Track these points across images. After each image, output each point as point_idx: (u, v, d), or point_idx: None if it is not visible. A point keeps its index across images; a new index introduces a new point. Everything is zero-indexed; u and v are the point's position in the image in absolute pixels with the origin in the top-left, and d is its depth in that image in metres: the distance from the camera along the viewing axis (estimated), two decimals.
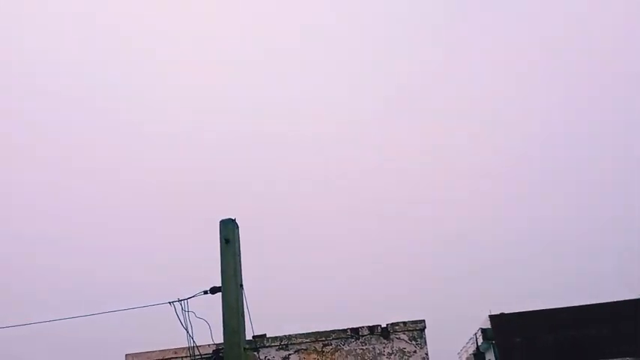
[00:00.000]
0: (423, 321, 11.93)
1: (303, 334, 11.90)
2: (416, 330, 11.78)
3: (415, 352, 11.61)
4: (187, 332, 7.07)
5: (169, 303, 7.13)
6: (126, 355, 11.92)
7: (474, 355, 25.57)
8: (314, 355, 11.70)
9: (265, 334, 11.97)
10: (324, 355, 11.71)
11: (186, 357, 8.66)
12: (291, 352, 11.76)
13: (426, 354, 11.60)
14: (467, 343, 30.18)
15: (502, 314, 23.38)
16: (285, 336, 11.90)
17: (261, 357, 11.71)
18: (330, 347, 11.76)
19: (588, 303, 21.39)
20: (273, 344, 11.81)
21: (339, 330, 11.91)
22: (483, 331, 24.28)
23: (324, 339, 11.82)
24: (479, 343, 24.78)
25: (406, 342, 11.69)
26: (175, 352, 11.26)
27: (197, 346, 7.44)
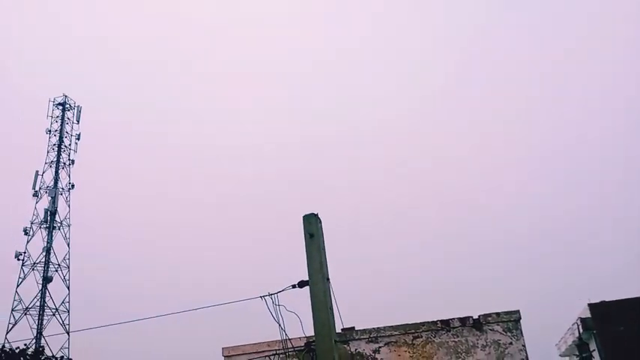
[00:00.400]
0: (518, 311, 11.44)
1: (393, 326, 11.81)
2: (510, 321, 11.33)
3: (511, 343, 11.17)
4: (279, 325, 7.25)
5: (260, 297, 7.34)
6: (223, 348, 12.42)
7: (577, 345, 24.22)
8: (404, 348, 11.58)
9: (354, 327, 12.01)
10: (415, 348, 11.57)
11: (279, 350, 8.88)
12: (381, 344, 11.71)
13: (523, 346, 11.13)
14: (565, 333, 28.61)
15: (603, 302, 21.99)
16: (374, 328, 11.87)
17: (352, 349, 11.76)
18: (421, 340, 11.59)
19: None
20: (362, 337, 11.82)
21: (429, 322, 11.70)
22: (583, 320, 22.96)
23: (413, 331, 11.67)
24: (580, 332, 23.45)
25: (501, 333, 11.28)
26: (269, 345, 11.56)
27: (289, 339, 7.60)
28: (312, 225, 7.24)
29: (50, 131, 39.18)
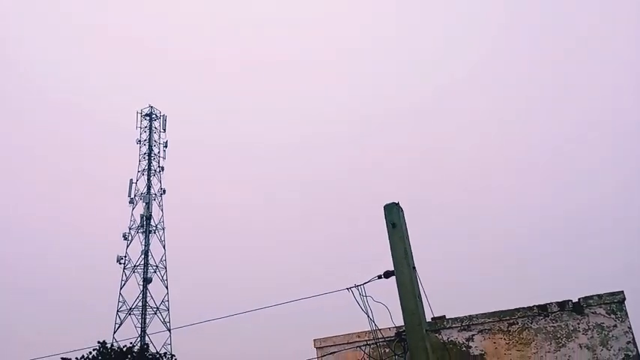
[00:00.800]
0: (622, 292, 10.69)
1: (486, 313, 11.45)
2: (614, 302, 10.62)
3: (615, 326, 10.48)
4: (368, 316, 7.24)
5: (347, 289, 7.37)
6: (314, 339, 12.63)
7: None
8: (499, 335, 11.20)
9: (445, 316, 11.77)
10: (511, 335, 11.15)
11: (370, 340, 8.88)
12: (474, 332, 11.40)
13: (629, 328, 10.40)
14: None
15: None
16: (466, 316, 11.57)
17: (444, 338, 11.53)
18: (517, 326, 11.16)
19: None
20: (454, 325, 11.56)
21: (524, 308, 11.23)
22: None
23: (508, 318, 11.25)
24: None
25: (604, 316, 10.61)
26: (359, 336, 11.61)
27: (379, 329, 7.58)
28: (393, 214, 7.15)
29: (140, 141, 41.68)
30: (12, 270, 61.31)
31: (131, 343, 31.88)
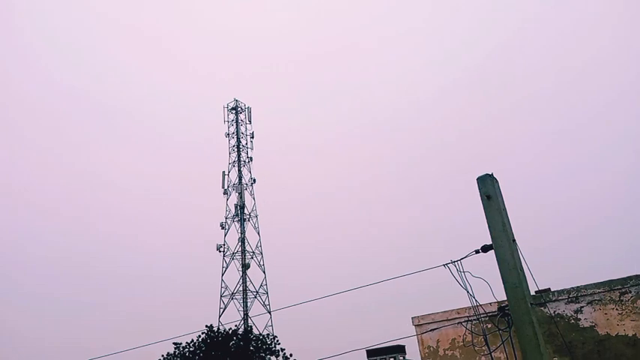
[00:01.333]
0: None
1: (595, 284, 10.83)
2: None
3: None
4: (467, 292, 7.10)
5: (444, 265, 7.26)
6: (412, 317, 12.60)
7: None
8: (611, 306, 10.57)
9: (549, 288, 11.28)
10: (624, 305, 10.48)
11: (471, 316, 8.72)
12: (582, 304, 10.84)
13: None
14: None
15: None
16: (573, 288, 11.01)
17: (550, 312, 11.06)
18: (630, 295, 10.45)
19: None
20: (560, 297, 11.05)
21: (637, 276, 10.50)
22: None
23: (620, 287, 10.57)
24: None
25: None
26: (458, 313, 11.43)
27: (480, 305, 7.41)
28: (487, 186, 6.92)
29: (228, 134, 43.27)
30: (135, 262, 66.88)
31: (236, 325, 33.55)
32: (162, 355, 26.84)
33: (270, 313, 36.93)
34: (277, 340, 28.79)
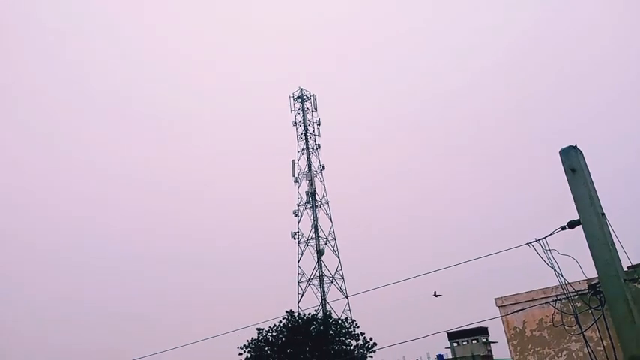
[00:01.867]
0: None
1: None
2: None
3: None
4: (555, 270, 6.85)
5: (527, 244, 7.04)
6: (495, 298, 12.33)
7: None
8: None
9: None
10: None
11: (559, 295, 8.41)
12: None
13: None
14: None
15: None
16: None
17: None
18: None
19: None
20: None
21: None
22: None
23: None
24: None
25: None
26: (544, 292, 11.05)
27: (568, 283, 7.14)
28: (571, 159, 6.61)
29: (295, 123, 43.81)
30: (214, 252, 70.02)
31: (315, 310, 34.21)
32: (247, 340, 27.92)
33: (347, 297, 37.32)
34: (356, 324, 29.13)
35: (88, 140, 79.80)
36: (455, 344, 31.05)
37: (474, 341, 30.18)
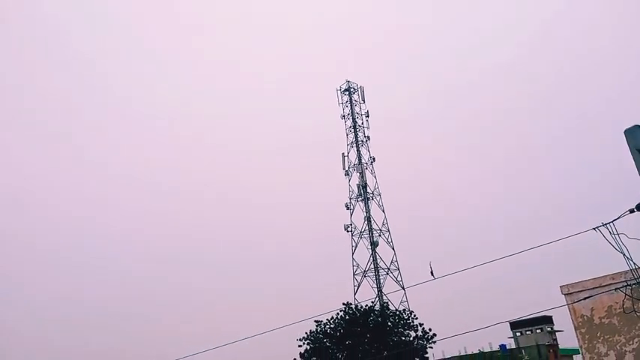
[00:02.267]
0: None
1: None
2: None
3: None
4: (624, 255, 6.59)
5: (594, 229, 6.80)
6: (560, 286, 11.96)
7: None
8: None
9: None
10: None
11: (630, 280, 8.08)
12: None
13: None
14: None
15: None
16: None
17: None
18: None
19: None
20: None
21: None
22: None
23: None
24: None
25: None
26: (613, 278, 10.62)
27: (639, 268, 6.86)
28: (637, 139, 6.32)
29: (344, 116, 43.76)
30: (258, 248, 71.05)
31: (372, 302, 34.21)
32: (306, 333, 28.29)
33: (404, 289, 37.06)
34: (415, 315, 28.94)
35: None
36: (518, 334, 30.35)
37: (538, 330, 29.39)
